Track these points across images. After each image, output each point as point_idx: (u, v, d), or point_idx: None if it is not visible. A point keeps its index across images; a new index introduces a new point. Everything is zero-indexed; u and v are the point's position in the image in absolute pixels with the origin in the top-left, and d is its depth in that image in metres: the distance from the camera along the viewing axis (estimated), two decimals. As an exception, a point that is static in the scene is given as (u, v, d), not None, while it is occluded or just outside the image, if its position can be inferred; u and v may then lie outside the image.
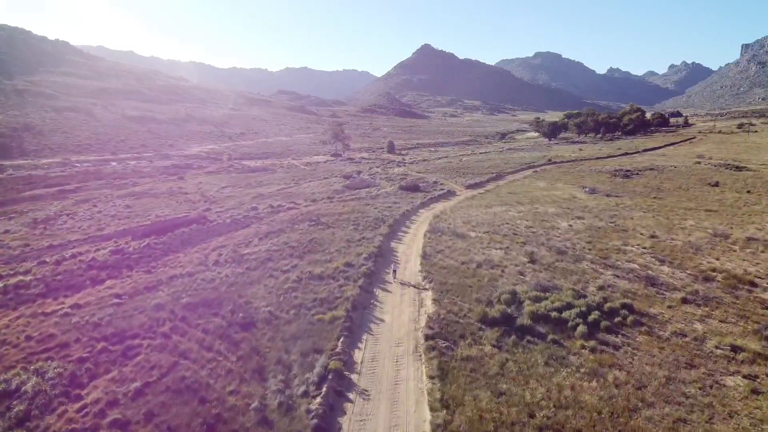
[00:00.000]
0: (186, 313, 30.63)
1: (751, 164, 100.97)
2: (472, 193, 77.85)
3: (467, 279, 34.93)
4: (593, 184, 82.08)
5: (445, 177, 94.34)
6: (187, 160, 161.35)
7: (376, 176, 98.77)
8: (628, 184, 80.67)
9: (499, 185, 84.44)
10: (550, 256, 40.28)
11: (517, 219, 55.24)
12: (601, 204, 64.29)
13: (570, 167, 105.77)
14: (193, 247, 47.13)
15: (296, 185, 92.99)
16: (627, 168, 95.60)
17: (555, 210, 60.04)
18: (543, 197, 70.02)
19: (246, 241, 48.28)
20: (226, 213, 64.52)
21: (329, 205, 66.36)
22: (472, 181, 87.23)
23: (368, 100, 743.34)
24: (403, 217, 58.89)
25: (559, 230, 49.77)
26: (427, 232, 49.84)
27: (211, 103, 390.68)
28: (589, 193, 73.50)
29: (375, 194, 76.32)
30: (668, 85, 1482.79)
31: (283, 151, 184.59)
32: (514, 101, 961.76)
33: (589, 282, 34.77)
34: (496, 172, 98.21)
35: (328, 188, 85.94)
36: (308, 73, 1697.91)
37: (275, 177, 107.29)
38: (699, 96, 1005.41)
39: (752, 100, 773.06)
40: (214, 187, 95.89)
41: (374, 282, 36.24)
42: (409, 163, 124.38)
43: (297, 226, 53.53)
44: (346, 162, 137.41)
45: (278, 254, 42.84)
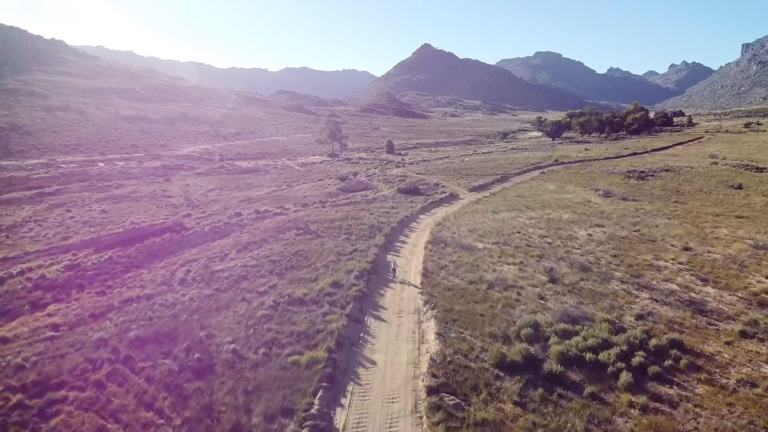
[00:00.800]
0: (132, 351, 24.77)
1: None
2: (477, 196, 72.00)
3: (477, 305, 29.06)
4: (607, 186, 76.21)
5: (446, 179, 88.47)
6: (178, 160, 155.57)
7: (374, 178, 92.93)
8: (644, 187, 74.81)
9: (505, 188, 78.59)
10: (572, 274, 34.40)
11: (528, 227, 49.37)
12: (619, 209, 58.43)
13: (579, 168, 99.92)
14: (161, 261, 41.25)
15: (288, 188, 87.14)
16: (641, 169, 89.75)
17: (569, 216, 54.16)
18: (554, 201, 64.17)
19: (222, 253, 42.40)
20: (207, 219, 58.65)
21: (321, 211, 60.50)
22: (475, 183, 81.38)
23: (368, 100, 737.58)
24: (401, 224, 53.02)
25: (578, 241, 43.90)
26: (428, 242, 43.97)
27: (207, 103, 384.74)
28: (603, 197, 67.66)
29: (371, 198, 70.48)
30: (668, 84, 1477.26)
31: (278, 151, 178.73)
32: (515, 101, 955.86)
33: (625, 309, 28.91)
34: (501, 174, 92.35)
35: (322, 191, 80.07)
36: (308, 73, 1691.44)
37: (267, 179, 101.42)
38: (699, 96, 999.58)
39: (753, 99, 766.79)
40: (201, 189, 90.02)
41: (366, 308, 30.37)
42: (409, 164, 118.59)
43: (282, 236, 47.66)
44: (343, 162, 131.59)
45: (256, 271, 36.96)
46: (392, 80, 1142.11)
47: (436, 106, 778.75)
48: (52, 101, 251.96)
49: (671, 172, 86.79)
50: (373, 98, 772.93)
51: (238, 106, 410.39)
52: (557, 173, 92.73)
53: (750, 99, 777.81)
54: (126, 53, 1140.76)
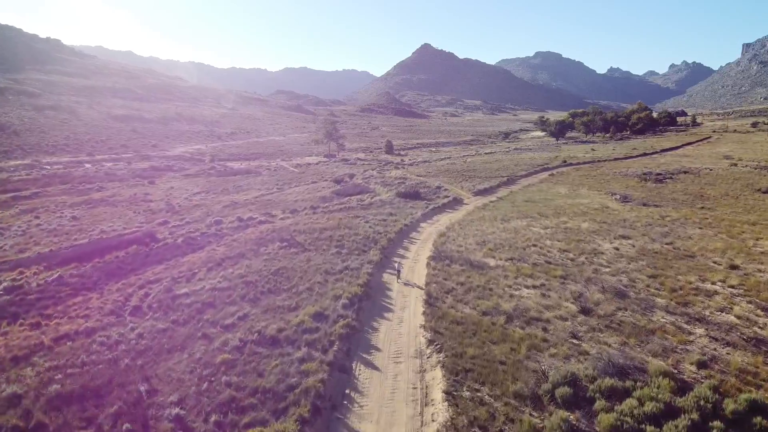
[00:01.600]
0: (46, 415, 18.84)
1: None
2: (483, 201, 66.08)
3: (495, 346, 23.12)
4: (623, 190, 70.33)
5: (449, 181, 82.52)
6: (168, 161, 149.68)
7: (371, 180, 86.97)
8: (663, 191, 68.90)
9: (512, 191, 72.65)
10: (606, 302, 28.46)
11: (545, 238, 43.41)
12: (642, 217, 52.50)
13: (589, 169, 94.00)
14: (118, 281, 35.25)
15: (279, 191, 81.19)
16: (657, 171, 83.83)
17: (589, 225, 48.19)
18: (569, 207, 58.24)
19: (190, 272, 36.42)
20: (183, 228, 52.67)
21: (311, 218, 54.51)
22: (480, 187, 75.44)
23: (367, 100, 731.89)
24: (400, 234, 47.07)
25: (605, 256, 37.96)
26: (430, 258, 38.03)
27: (204, 103, 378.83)
28: (621, 202, 61.77)
29: (368, 203, 64.53)
30: (669, 84, 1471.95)
31: (273, 151, 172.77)
32: (515, 101, 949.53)
33: (680, 352, 22.97)
34: (507, 176, 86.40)
35: (314, 195, 74.11)
36: (307, 73, 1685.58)
37: (257, 181, 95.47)
38: (700, 95, 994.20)
39: (754, 99, 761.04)
40: (185, 193, 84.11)
41: (354, 349, 24.41)
42: (409, 165, 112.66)
43: (263, 249, 41.70)
44: (340, 163, 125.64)
45: (226, 296, 31.00)
46: (392, 80, 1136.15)
47: (436, 106, 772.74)
48: (44, 100, 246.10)
49: (690, 174, 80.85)
50: (373, 98, 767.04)
51: (236, 105, 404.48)
52: (567, 175, 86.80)
53: (751, 99, 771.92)
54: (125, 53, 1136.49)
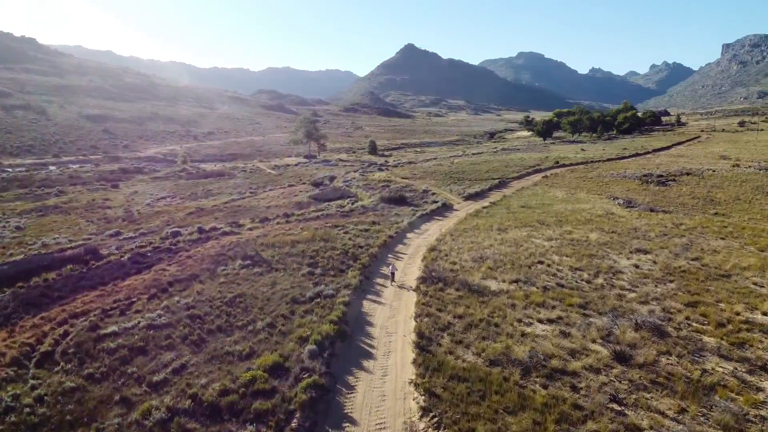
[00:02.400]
0: None
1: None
2: (474, 206, 60.21)
3: (512, 418, 17.04)
4: (625, 193, 64.99)
5: (436, 184, 76.58)
6: (138, 163, 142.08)
7: (353, 183, 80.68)
8: (669, 194, 63.65)
9: (505, 195, 66.88)
10: (643, 342, 22.57)
11: (551, 253, 37.51)
12: (654, 225, 46.99)
13: (584, 171, 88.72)
14: (35, 315, 28.50)
15: (251, 195, 74.54)
16: (657, 173, 78.73)
17: (598, 236, 42.44)
18: (570, 214, 52.55)
19: (127, 300, 29.83)
20: (135, 241, 45.96)
21: (283, 228, 48.05)
22: (471, 190, 69.57)
23: (351, 100, 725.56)
24: (384, 248, 40.91)
25: (625, 276, 32.17)
26: (420, 280, 31.89)
27: (182, 102, 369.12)
28: (626, 207, 56.33)
29: (348, 209, 58.22)
30: (650, 84, 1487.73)
31: (251, 152, 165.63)
32: (499, 101, 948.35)
33: (757, 422, 17.12)
34: (498, 178, 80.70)
35: (290, 200, 67.65)
36: (291, 73, 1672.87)
37: (230, 184, 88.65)
38: (681, 95, 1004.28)
39: (734, 99, 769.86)
40: (149, 198, 77.09)
41: (322, 422, 18.10)
42: (393, 167, 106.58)
43: (222, 269, 35.22)
44: (320, 165, 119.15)
45: (163, 336, 24.56)
46: (376, 80, 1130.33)
47: (420, 106, 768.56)
48: (13, 100, 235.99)
49: (692, 176, 75.82)
50: (357, 98, 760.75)
51: (215, 104, 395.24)
52: (562, 177, 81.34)
53: (731, 98, 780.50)
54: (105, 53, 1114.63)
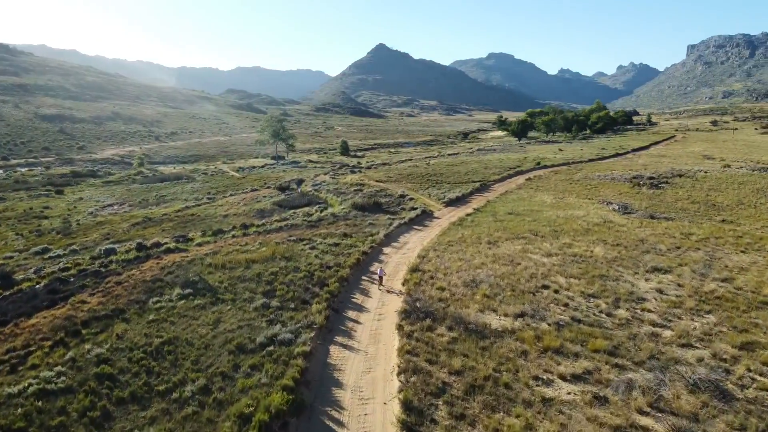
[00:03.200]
0: None
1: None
2: (457, 213, 54.28)
3: None
4: (618, 197, 60.02)
5: (413, 188, 70.53)
6: (93, 165, 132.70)
7: (323, 187, 73.97)
8: (665, 198, 58.88)
9: (489, 201, 61.15)
10: (706, 414, 16.75)
11: (554, 273, 31.65)
12: (660, 234, 41.79)
13: (568, 173, 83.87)
14: None
15: (208, 202, 67.21)
16: (648, 174, 74.23)
17: (603, 250, 36.82)
18: (564, 222, 47.01)
19: (24, 350, 22.69)
20: (59, 262, 38.53)
21: (238, 244, 41.18)
22: (451, 195, 63.67)
23: (323, 99, 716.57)
24: (356, 269, 34.48)
25: (650, 305, 26.48)
26: (403, 315, 25.55)
27: (147, 101, 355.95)
28: (623, 214, 51.15)
29: (317, 218, 51.57)
30: (617, 85, 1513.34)
31: (216, 153, 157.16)
32: (470, 101, 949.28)
33: None
34: (479, 181, 75.10)
35: (251, 207, 60.65)
36: (261, 73, 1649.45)
37: (187, 189, 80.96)
38: (647, 96, 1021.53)
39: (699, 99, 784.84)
40: (94, 206, 69.18)
41: None
42: (366, 168, 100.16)
43: (155, 300, 28.31)
44: (288, 166, 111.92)
45: (55, 410, 17.72)
46: (347, 80, 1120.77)
47: (393, 106, 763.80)
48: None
49: (685, 177, 71.44)
50: (328, 98, 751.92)
51: (181, 104, 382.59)
52: (546, 180, 76.16)
53: (696, 98, 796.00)
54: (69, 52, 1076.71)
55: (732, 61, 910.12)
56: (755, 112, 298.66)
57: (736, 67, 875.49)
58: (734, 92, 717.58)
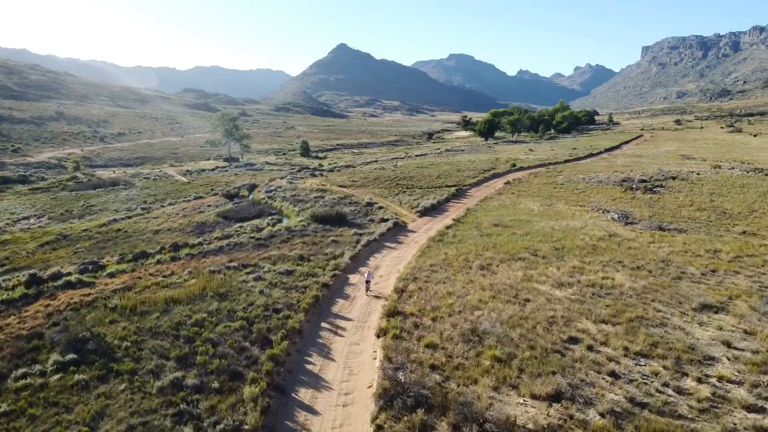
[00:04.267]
0: None
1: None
2: (435, 225, 46.32)
3: None
4: (612, 204, 53.29)
5: (382, 194, 62.38)
6: (26, 170, 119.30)
7: (278, 194, 64.90)
8: (665, 205, 52.41)
9: (469, 209, 53.39)
10: None
11: (578, 315, 23.85)
12: (680, 251, 34.83)
13: (547, 175, 77.23)
14: None
15: (142, 214, 57.23)
16: (639, 178, 67.99)
17: (626, 277, 29.32)
18: (562, 236, 39.57)
19: None
20: None
21: (162, 274, 32.02)
22: (426, 202, 55.68)
23: (283, 99, 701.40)
24: (314, 312, 25.93)
25: (723, 368, 18.96)
26: (379, 404, 17.18)
27: (95, 101, 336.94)
28: (625, 224, 44.19)
29: (268, 234, 42.67)
30: (574, 86, 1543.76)
31: (164, 155, 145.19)
32: (432, 102, 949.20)
33: None
34: (454, 185, 67.55)
35: (191, 220, 51.14)
36: (220, 72, 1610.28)
37: (122, 197, 70.48)
38: (604, 96, 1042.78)
39: (654, 99, 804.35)
40: (7, 219, 58.27)
41: None
42: (329, 171, 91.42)
43: (19, 373, 19.24)
44: (242, 169, 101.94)
45: None
46: (309, 80, 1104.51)
47: (355, 106, 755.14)
48: None
49: (680, 180, 65.58)
50: (289, 97, 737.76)
51: (132, 103, 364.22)
52: (527, 184, 69.14)
53: (651, 99, 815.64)
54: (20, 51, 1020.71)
55: (685, 62, 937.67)
56: (714, 111, 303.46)
57: (689, 68, 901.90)
58: (688, 92, 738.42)
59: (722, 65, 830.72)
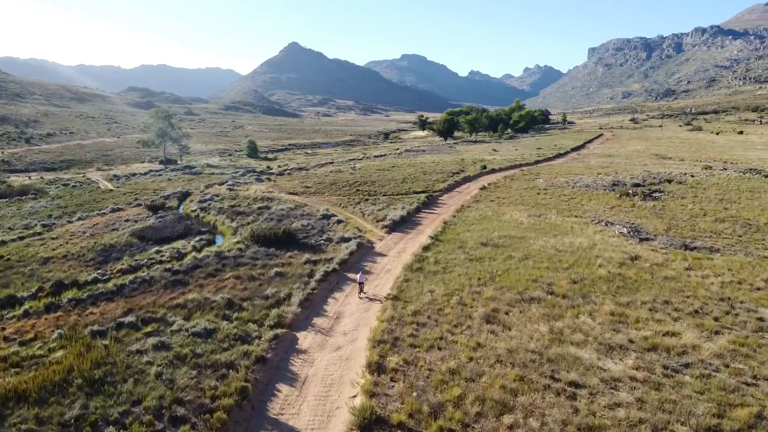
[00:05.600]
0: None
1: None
2: (408, 245, 36.93)
3: None
4: (610, 213, 45.37)
5: (340, 202, 52.63)
6: None
7: (213, 204, 54.04)
8: (675, 214, 44.82)
9: (446, 221, 44.21)
10: None
11: (661, 409, 15.05)
12: (731, 281, 26.86)
13: (525, 179, 69.19)
14: None
15: (41, 233, 45.29)
16: (632, 182, 60.45)
17: (699, 337, 20.77)
18: (572, 261, 30.89)
19: None
20: None
21: (17, 340, 21.36)
22: (393, 214, 46.24)
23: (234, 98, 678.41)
24: (237, 419, 15.99)
25: None
26: None
27: (27, 99, 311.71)
28: (639, 240, 36.10)
29: (191, 264, 32.14)
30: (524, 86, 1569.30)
31: (95, 157, 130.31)
32: (386, 102, 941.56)
33: None
34: (422, 191, 58.52)
35: (96, 242, 39.86)
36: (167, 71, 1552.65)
37: (24, 210, 57.88)
38: (552, 96, 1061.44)
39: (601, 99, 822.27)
40: None
41: None
42: (278, 174, 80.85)
43: None
44: (179, 173, 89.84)
45: None
46: (260, 78, 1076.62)
47: (308, 106, 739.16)
48: None
49: (677, 183, 58.51)
50: (239, 96, 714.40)
51: (69, 102, 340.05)
52: (506, 189, 60.76)
53: (598, 99, 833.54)
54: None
55: (630, 63, 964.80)
56: (664, 110, 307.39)
57: (634, 69, 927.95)
58: (633, 93, 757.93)
59: (666, 66, 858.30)
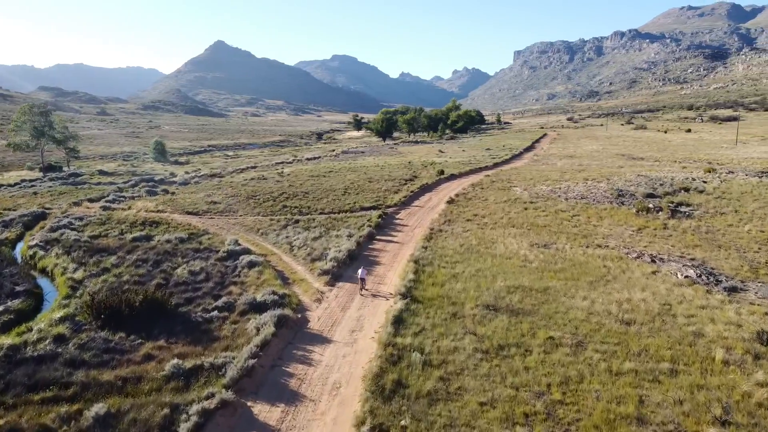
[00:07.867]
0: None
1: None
2: (367, 315, 21.91)
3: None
4: (640, 240, 32.34)
5: (259, 226, 36.70)
6: None
7: (65, 235, 36.41)
8: (733, 237, 32.37)
9: (416, 259, 29.33)
10: None
11: None
12: None
13: (496, 187, 55.71)
14: None
15: None
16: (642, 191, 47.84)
17: None
18: (663, 344, 17.17)
19: None
20: None
21: None
22: (335, 248, 30.94)
23: (154, 98, 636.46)
24: None
25: None
26: None
27: None
28: (722, 291, 22.99)
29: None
30: (453, 88, 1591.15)
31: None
32: (317, 102, 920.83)
33: None
34: (374, 206, 43.67)
35: None
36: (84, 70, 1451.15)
37: None
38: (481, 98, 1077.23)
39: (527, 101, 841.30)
40: None
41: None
42: (182, 184, 63.38)
43: None
44: (57, 183, 69.93)
45: None
46: (184, 78, 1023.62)
47: (236, 106, 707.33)
48: None
49: (696, 192, 46.37)
50: (161, 96, 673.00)
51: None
52: (480, 203, 46.71)
53: (525, 101, 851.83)
54: None
55: (554, 66, 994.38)
56: (594, 110, 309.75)
57: (558, 71, 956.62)
58: (557, 94, 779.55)
59: (588, 68, 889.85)
